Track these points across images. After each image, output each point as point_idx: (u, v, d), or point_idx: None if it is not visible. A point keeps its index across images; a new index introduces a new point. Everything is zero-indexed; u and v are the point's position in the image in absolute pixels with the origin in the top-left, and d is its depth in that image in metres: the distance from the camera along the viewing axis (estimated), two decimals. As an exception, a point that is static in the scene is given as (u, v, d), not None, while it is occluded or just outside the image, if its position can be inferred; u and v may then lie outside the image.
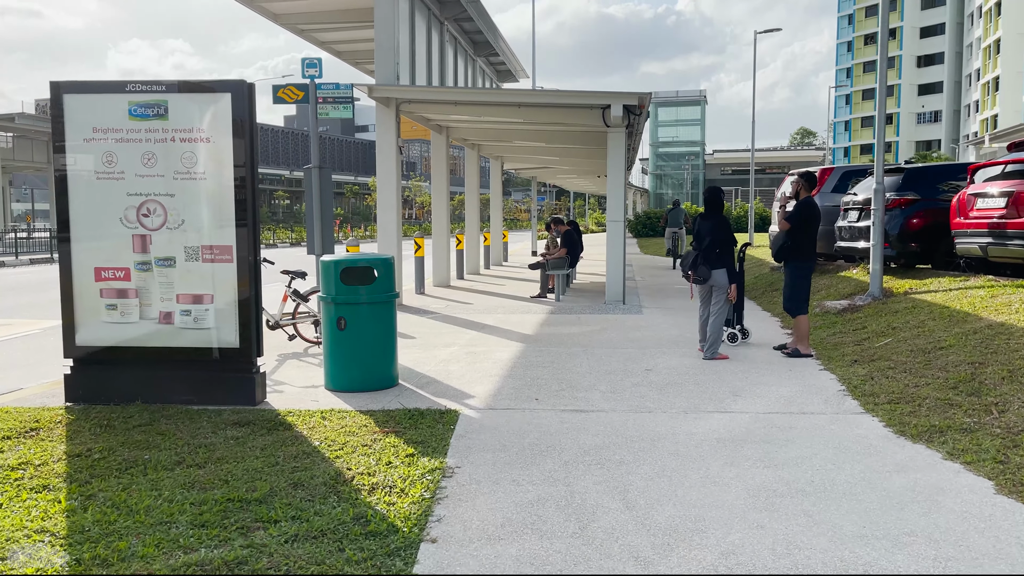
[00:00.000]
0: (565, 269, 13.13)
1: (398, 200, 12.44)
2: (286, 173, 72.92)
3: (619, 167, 12.16)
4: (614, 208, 12.17)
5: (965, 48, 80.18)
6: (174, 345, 5.98)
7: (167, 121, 5.85)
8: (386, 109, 12.31)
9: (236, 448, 4.81)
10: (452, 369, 7.26)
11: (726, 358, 7.61)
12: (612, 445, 4.82)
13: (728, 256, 7.67)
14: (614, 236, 12.19)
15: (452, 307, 12.12)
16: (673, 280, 16.92)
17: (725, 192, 39.34)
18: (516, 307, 12.05)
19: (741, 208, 38.72)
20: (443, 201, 16.32)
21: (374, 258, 6.42)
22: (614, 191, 12.18)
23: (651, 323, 10.15)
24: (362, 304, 6.33)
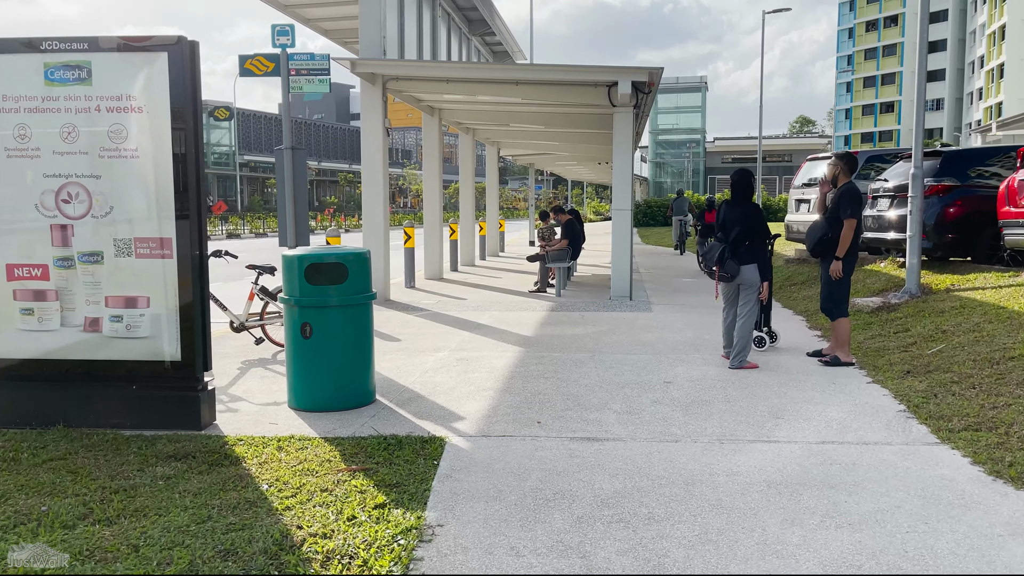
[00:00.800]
0: (566, 262, 12.13)
1: (384, 187, 11.42)
2: (279, 161, 71.62)
3: (626, 151, 11.14)
4: (620, 196, 11.16)
5: (968, 35, 79.03)
6: (103, 358, 4.97)
7: (91, 87, 4.81)
8: (371, 87, 11.26)
9: (163, 494, 3.81)
10: (439, 381, 6.25)
11: (755, 367, 6.62)
12: (636, 491, 3.83)
13: (760, 249, 6.66)
14: (620, 226, 11.19)
15: (443, 303, 11.11)
16: (680, 271, 15.91)
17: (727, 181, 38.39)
18: (513, 303, 11.04)
19: (744, 197, 37.70)
20: (435, 188, 15.26)
21: (346, 252, 5.40)
22: (620, 177, 11.16)
23: (663, 323, 9.16)
24: (332, 307, 5.32)
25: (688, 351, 7.42)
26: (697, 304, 10.83)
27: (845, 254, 6.64)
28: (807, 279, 12.04)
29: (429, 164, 15.34)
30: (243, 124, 70.02)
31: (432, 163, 15.25)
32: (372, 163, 11.32)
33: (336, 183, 74.84)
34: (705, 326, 8.86)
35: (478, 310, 10.35)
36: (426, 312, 10.22)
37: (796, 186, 13.21)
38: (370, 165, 11.34)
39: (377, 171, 11.31)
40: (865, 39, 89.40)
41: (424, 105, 14.43)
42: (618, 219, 11.19)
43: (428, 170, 15.32)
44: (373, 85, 11.25)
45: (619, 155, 11.13)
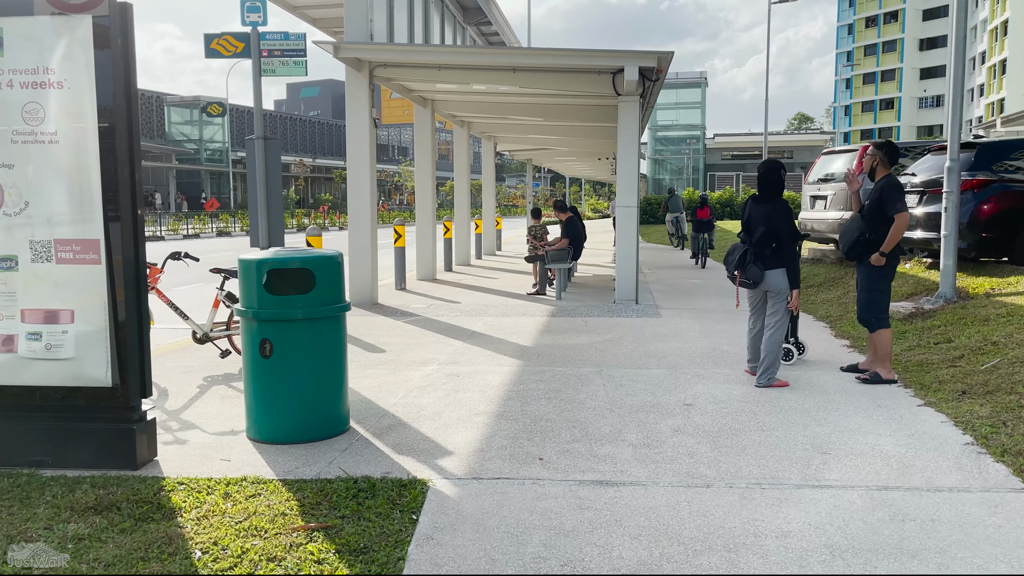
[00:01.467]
0: (567, 262, 11.33)
1: (371, 182, 10.61)
2: (273, 158, 70.69)
3: (631, 144, 10.34)
4: (626, 191, 10.36)
5: (969, 31, 78.27)
6: (19, 383, 4.16)
7: (1, 58, 4.00)
8: (357, 75, 10.45)
9: (65, 566, 3.01)
10: (425, 403, 5.45)
11: (786, 385, 5.82)
12: (665, 561, 3.03)
13: (788, 252, 5.85)
14: (625, 224, 10.39)
15: (435, 307, 10.30)
16: (686, 271, 15.11)
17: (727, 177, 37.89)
18: (510, 307, 10.24)
19: (748, 194, 36.91)
20: (428, 184, 14.44)
21: (314, 256, 4.59)
22: (626, 172, 10.36)
23: (675, 330, 8.36)
24: (296, 321, 4.51)
25: (707, 364, 6.63)
26: (710, 309, 10.03)
27: (889, 253, 5.84)
28: (824, 280, 11.25)
29: (421, 158, 14.51)
30: (237, 120, 69.17)
31: (424, 157, 14.43)
32: (358, 157, 10.52)
33: (331, 180, 73.98)
34: (721, 334, 8.07)
35: (472, 315, 9.55)
36: (415, 318, 9.41)
37: (810, 182, 12.42)
38: (356, 159, 10.54)
39: (363, 165, 10.50)
40: (865, 35, 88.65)
41: (415, 95, 13.61)
42: (623, 217, 10.39)
43: (420, 165, 14.51)
44: (359, 72, 10.44)
45: (624, 148, 10.33)
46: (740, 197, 36.75)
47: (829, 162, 12.25)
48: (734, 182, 50.62)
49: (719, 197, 36.77)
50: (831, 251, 12.72)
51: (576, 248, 11.73)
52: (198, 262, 7.20)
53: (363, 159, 10.50)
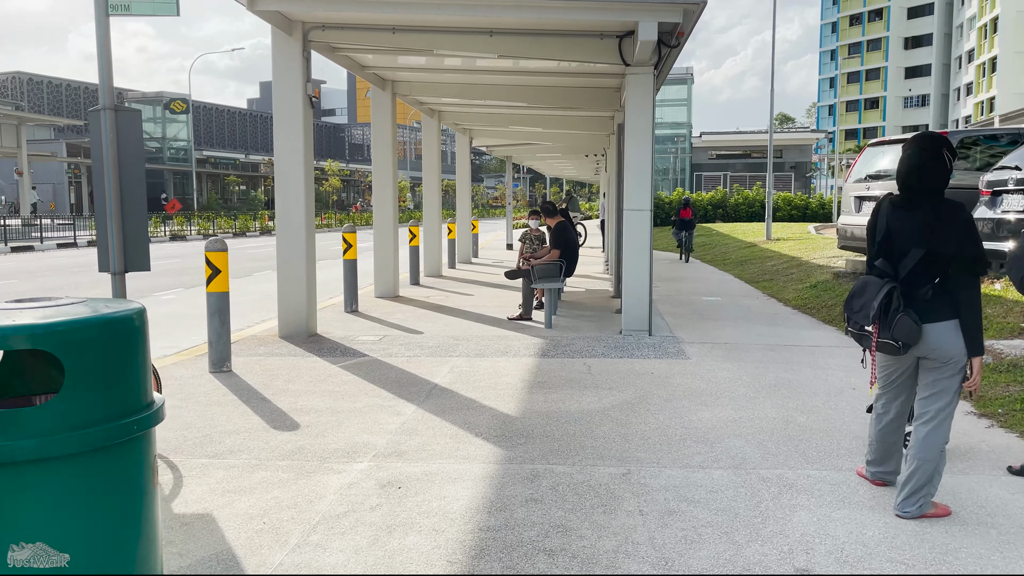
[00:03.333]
0: (559, 281, 8.96)
1: (306, 179, 8.20)
2: (241, 156, 67.88)
3: (643, 129, 8.00)
4: (635, 189, 8.02)
5: (955, 29, 77.12)
6: None
7: None
8: (287, 39, 8.04)
9: None
10: (332, 564, 3.06)
11: (947, 513, 3.49)
12: None
13: (968, 293, 3.44)
14: (636, 233, 8.04)
15: (389, 341, 7.90)
16: (693, 283, 12.81)
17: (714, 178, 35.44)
18: (488, 340, 7.86)
19: (740, 195, 34.81)
20: (388, 181, 12.03)
21: (67, 323, 2.18)
22: (636, 164, 8.02)
23: (716, 383, 6.03)
24: (23, 465, 2.11)
25: (791, 457, 4.28)
26: (747, 343, 7.72)
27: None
28: (881, 303, 8.98)
29: (380, 149, 12.10)
30: (203, 118, 66.20)
31: (383, 147, 11.98)
32: (288, 147, 8.10)
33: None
34: (784, 391, 5.74)
35: (436, 355, 7.16)
36: (359, 360, 7.00)
37: (855, 179, 10.17)
38: (285, 149, 8.12)
39: (296, 158, 8.08)
40: (849, 33, 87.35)
41: (370, 73, 11.19)
42: (633, 223, 8.04)
43: (379, 158, 12.12)
44: (290, 36, 8.03)
45: (635, 134, 7.99)
46: (733, 197, 34.65)
47: (877, 156, 10.00)
48: (722, 182, 48.59)
49: (710, 198, 34.64)
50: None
51: (569, 262, 9.39)
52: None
53: (295, 149, 8.08)
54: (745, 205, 33.96)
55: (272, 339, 8.00)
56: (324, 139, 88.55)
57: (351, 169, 77.37)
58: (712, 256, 19.32)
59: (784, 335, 8.23)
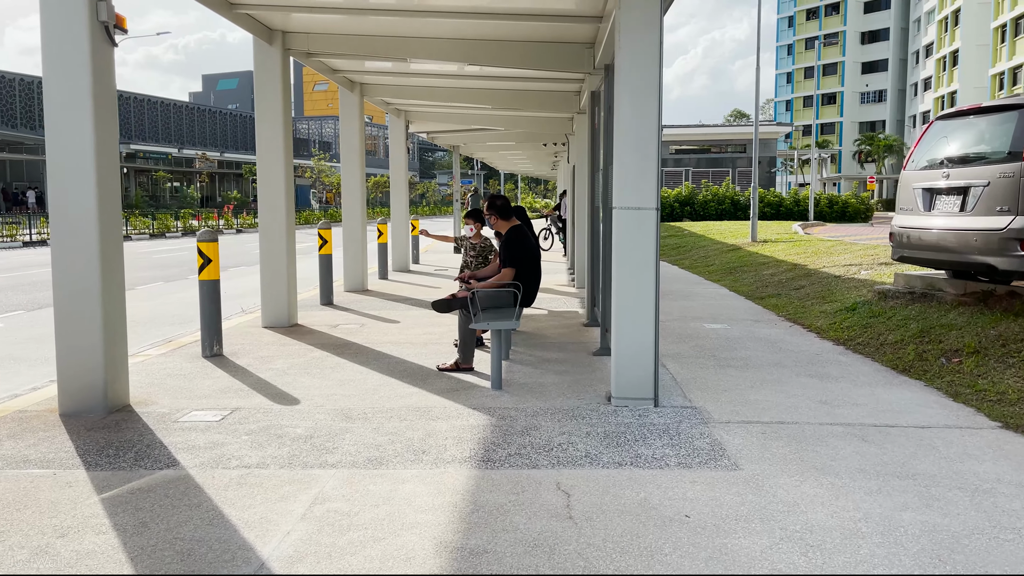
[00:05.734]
0: (512, 318, 5.89)
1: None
2: (174, 151, 63.44)
3: (647, 74, 5.02)
4: (635, 175, 5.04)
5: (912, 24, 76.23)
6: None
7: None
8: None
9: None
10: None
11: None
12: None
13: None
14: (633, 244, 5.07)
15: (237, 423, 4.81)
16: (686, 303, 9.91)
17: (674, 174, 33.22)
18: (396, 422, 4.83)
19: (709, 191, 32.24)
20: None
21: None
22: (636, 132, 5.03)
23: (817, 547, 3.09)
24: None
25: None
26: (813, 421, 4.82)
27: None
28: (991, 343, 6.19)
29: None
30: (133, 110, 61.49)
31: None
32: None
33: (241, 176, 66.99)
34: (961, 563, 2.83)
35: (300, 460, 4.11)
36: (150, 483, 3.91)
37: (922, 165, 7.37)
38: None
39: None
40: (807, 27, 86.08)
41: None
42: (628, 228, 5.06)
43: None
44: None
45: (632, 85, 5.02)
46: (701, 194, 32.07)
47: (954, 132, 7.20)
48: (683, 178, 46.15)
49: (676, 195, 32.00)
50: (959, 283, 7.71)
51: (529, 285, 6.35)
52: None
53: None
54: (715, 202, 31.41)
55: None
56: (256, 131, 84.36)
57: (297, 164, 73.35)
58: (691, 261, 16.54)
59: (854, 398, 5.36)
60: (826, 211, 31.25)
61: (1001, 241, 6.24)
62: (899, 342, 6.83)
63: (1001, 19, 51.25)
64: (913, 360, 6.32)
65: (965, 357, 6.04)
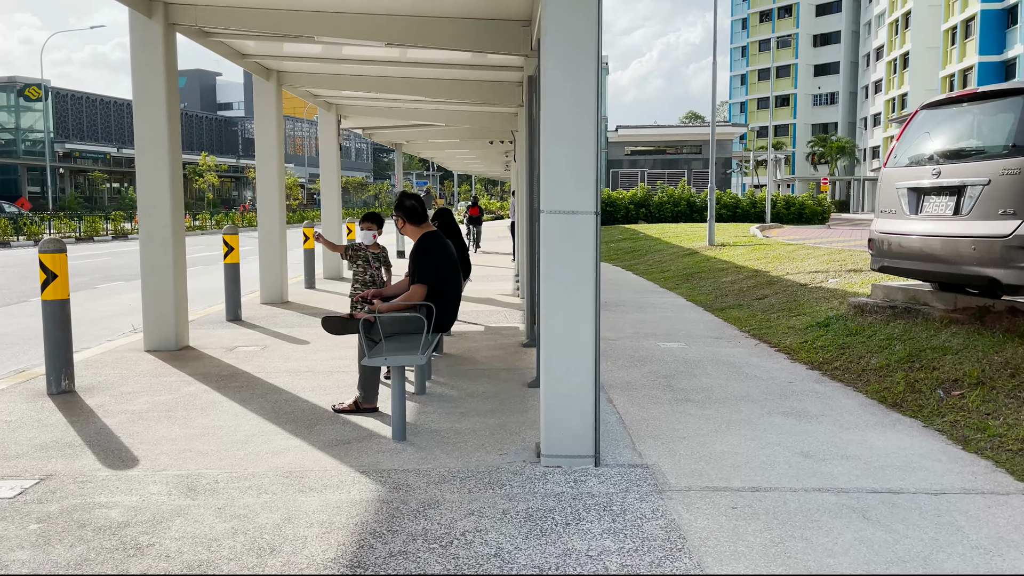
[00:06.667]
0: (417, 351, 4.70)
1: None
2: (113, 151, 60.83)
3: (582, 48, 3.89)
4: (567, 173, 3.91)
5: (863, 26, 76.93)
6: None
7: None
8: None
9: None
10: None
11: None
12: None
13: None
14: (565, 256, 3.93)
15: (45, 496, 3.57)
16: (639, 315, 8.82)
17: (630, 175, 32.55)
18: (259, 486, 3.64)
19: (665, 193, 31.43)
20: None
21: None
22: (569, 120, 3.91)
23: None
24: None
25: None
26: (794, 485, 3.75)
27: None
28: (991, 372, 5.21)
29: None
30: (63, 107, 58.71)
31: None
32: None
33: (186, 177, 64.57)
34: None
35: (117, 547, 2.90)
36: None
37: (906, 161, 6.39)
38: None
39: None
40: (759, 30, 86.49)
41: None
42: (560, 236, 3.93)
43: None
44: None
45: (563, 58, 3.89)
46: (656, 195, 31.24)
47: (943, 123, 6.23)
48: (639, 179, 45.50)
49: (631, 196, 31.13)
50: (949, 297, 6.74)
51: (444, 303, 5.18)
52: None
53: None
54: (670, 204, 30.62)
55: None
56: (217, 133, 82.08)
57: (243, 165, 71.15)
58: (646, 267, 15.56)
59: (843, 447, 4.32)
60: (783, 213, 30.68)
61: (1005, 250, 5.27)
62: (884, 368, 5.83)
63: (951, 21, 51.64)
64: (904, 392, 5.31)
65: (967, 390, 5.05)
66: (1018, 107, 5.36)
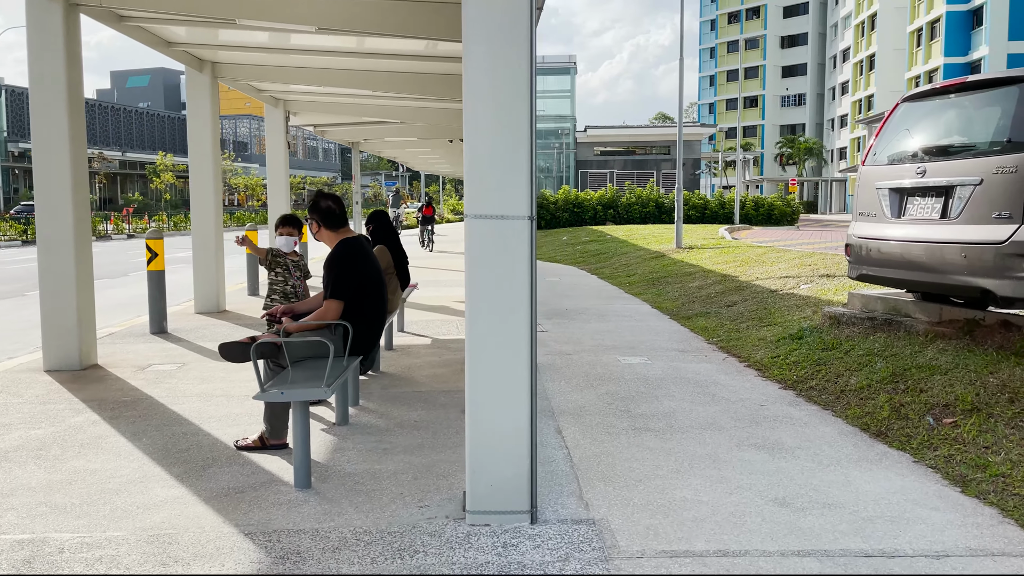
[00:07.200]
0: (321, 385, 3.97)
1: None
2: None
3: (511, 22, 3.22)
4: (494, 168, 3.23)
5: (829, 28, 77.35)
6: None
7: None
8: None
9: None
10: None
11: None
12: None
13: None
14: (493, 273, 3.26)
15: None
16: (600, 325, 8.16)
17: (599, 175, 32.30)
18: (111, 557, 2.91)
19: (633, 193, 30.92)
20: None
21: None
22: (496, 106, 3.23)
23: None
24: None
25: None
26: (771, 547, 3.10)
27: None
28: (987, 397, 4.62)
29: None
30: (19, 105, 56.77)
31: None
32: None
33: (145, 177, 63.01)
34: None
35: None
36: None
37: (886, 160, 5.81)
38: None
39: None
40: (728, 31, 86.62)
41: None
42: (488, 248, 3.25)
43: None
44: None
45: (486, 32, 3.22)
46: (625, 196, 30.72)
47: (927, 116, 5.65)
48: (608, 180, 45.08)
49: (599, 197, 30.57)
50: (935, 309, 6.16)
51: (364, 323, 4.45)
52: None
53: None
54: (639, 205, 30.11)
55: None
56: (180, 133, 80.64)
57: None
58: (612, 270, 14.95)
59: (824, 491, 3.69)
60: (752, 214, 30.33)
61: (999, 258, 4.69)
62: (866, 389, 5.22)
63: (917, 23, 51.90)
64: (889, 418, 4.71)
65: (961, 417, 4.45)
66: (1013, 97, 4.79)
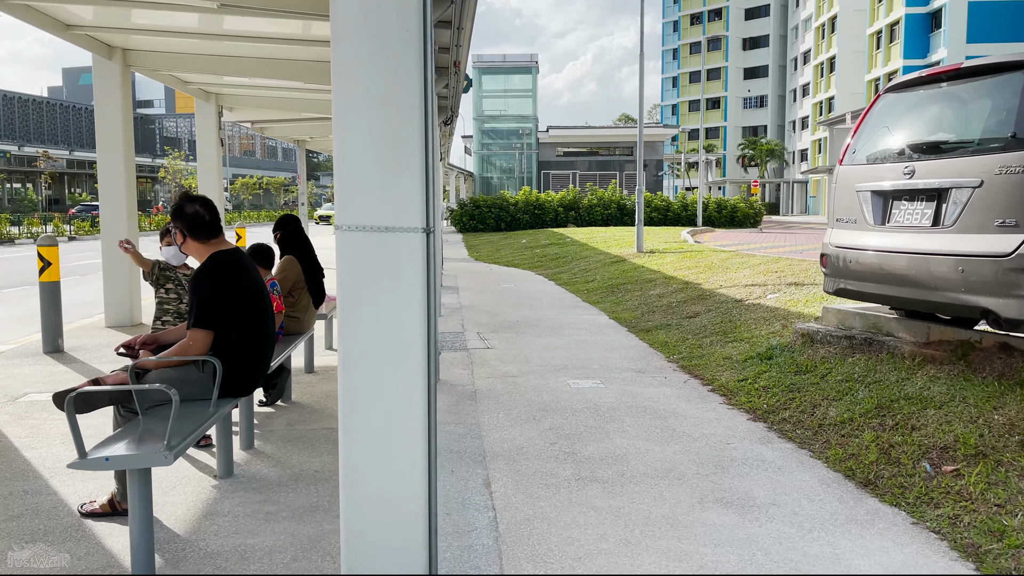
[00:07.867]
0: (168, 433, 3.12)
1: None
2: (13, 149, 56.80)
3: None
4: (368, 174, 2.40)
5: (790, 31, 77.75)
6: None
7: None
8: None
9: None
10: None
11: None
12: None
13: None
14: (374, 305, 2.43)
15: None
16: (551, 340, 7.36)
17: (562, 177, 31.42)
18: None
19: (594, 195, 30.24)
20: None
21: None
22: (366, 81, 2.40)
23: None
24: None
25: None
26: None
27: None
28: (929, 405, 3.90)
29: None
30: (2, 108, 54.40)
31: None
32: None
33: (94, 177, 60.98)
34: None
35: None
36: None
37: (865, 160, 5.10)
38: None
39: None
40: (691, 32, 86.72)
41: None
42: (361, 265, 2.42)
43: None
44: None
45: None
46: (586, 198, 30.04)
47: (924, 106, 4.94)
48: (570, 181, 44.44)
49: (560, 199, 29.85)
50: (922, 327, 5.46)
51: (238, 359, 3.60)
52: None
53: None
54: (600, 207, 29.44)
55: None
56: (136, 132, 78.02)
57: (158, 165, 67.55)
58: (570, 276, 14.19)
59: (810, 571, 2.92)
60: (715, 216, 29.84)
61: (1004, 273, 3.98)
62: (847, 423, 4.49)
63: (876, 25, 52.14)
64: (877, 462, 3.98)
65: (963, 464, 3.73)
66: (1018, 85, 4.09)
